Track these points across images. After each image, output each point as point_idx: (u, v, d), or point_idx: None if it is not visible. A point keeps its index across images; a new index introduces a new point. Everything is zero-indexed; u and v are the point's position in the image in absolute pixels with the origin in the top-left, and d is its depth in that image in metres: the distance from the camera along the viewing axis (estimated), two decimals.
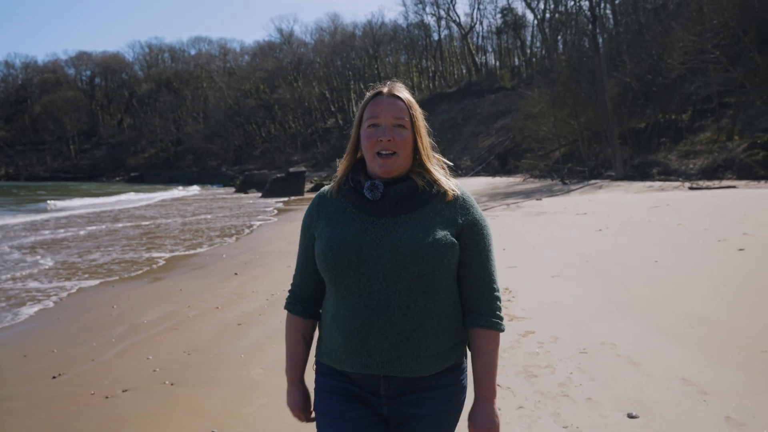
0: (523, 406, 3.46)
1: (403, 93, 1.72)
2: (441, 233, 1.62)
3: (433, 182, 1.70)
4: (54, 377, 4.50)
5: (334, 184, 1.77)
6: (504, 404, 3.47)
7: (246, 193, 42.53)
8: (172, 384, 4.22)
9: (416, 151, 1.71)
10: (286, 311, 1.85)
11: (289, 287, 1.86)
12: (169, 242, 14.02)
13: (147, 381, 4.30)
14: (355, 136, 1.74)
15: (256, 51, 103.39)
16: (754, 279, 6.33)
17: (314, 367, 1.80)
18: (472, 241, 1.68)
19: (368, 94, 1.74)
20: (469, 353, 1.75)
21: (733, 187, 20.28)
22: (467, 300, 1.71)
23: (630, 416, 3.24)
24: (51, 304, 7.35)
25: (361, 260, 1.60)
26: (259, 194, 38.88)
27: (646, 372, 3.86)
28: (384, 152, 1.65)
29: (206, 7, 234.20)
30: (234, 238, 14.81)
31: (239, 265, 9.66)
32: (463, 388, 1.75)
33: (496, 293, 1.71)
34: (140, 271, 9.77)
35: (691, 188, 20.98)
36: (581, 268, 7.68)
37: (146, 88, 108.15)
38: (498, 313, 1.70)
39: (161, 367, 4.60)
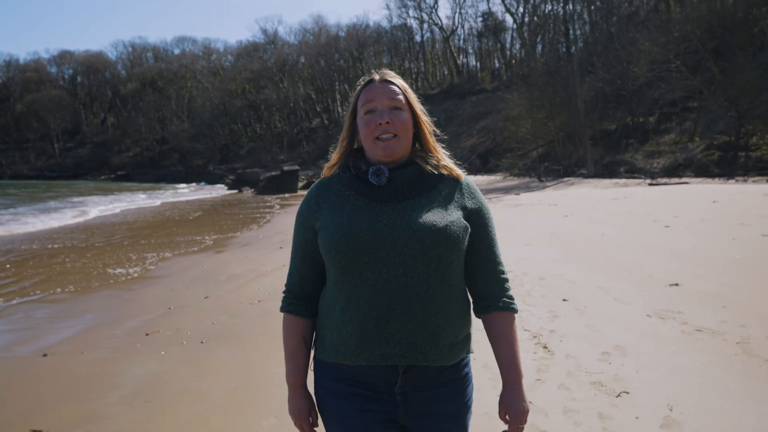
0: None
1: (396, 79, 1.69)
2: (455, 216, 1.61)
3: (441, 165, 1.69)
4: (205, 297, 6.97)
5: (327, 171, 1.74)
6: None
7: (240, 191, 44.12)
8: None
9: (417, 135, 1.70)
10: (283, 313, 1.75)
11: (284, 288, 1.77)
12: (204, 229, 16.41)
13: (270, 297, 6.78)
14: (349, 125, 1.71)
15: (240, 51, 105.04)
16: (667, 242, 8.97)
17: (311, 366, 1.74)
18: (481, 225, 1.67)
19: (360, 82, 1.70)
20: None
21: (686, 183, 23.08)
22: (478, 285, 1.68)
23: (564, 300, 5.83)
24: (153, 267, 9.76)
25: (377, 245, 1.54)
26: (253, 192, 40.77)
27: (578, 284, 6.47)
28: (384, 136, 1.61)
29: (190, 7, 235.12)
30: (256, 225, 17.24)
31: (280, 242, 12.11)
32: (471, 380, 1.73)
33: (505, 275, 1.70)
34: (197, 248, 12.17)
35: (650, 184, 23.66)
36: (548, 240, 10.27)
37: (131, 87, 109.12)
38: (510, 293, 1.69)
39: (272, 291, 7.07)
